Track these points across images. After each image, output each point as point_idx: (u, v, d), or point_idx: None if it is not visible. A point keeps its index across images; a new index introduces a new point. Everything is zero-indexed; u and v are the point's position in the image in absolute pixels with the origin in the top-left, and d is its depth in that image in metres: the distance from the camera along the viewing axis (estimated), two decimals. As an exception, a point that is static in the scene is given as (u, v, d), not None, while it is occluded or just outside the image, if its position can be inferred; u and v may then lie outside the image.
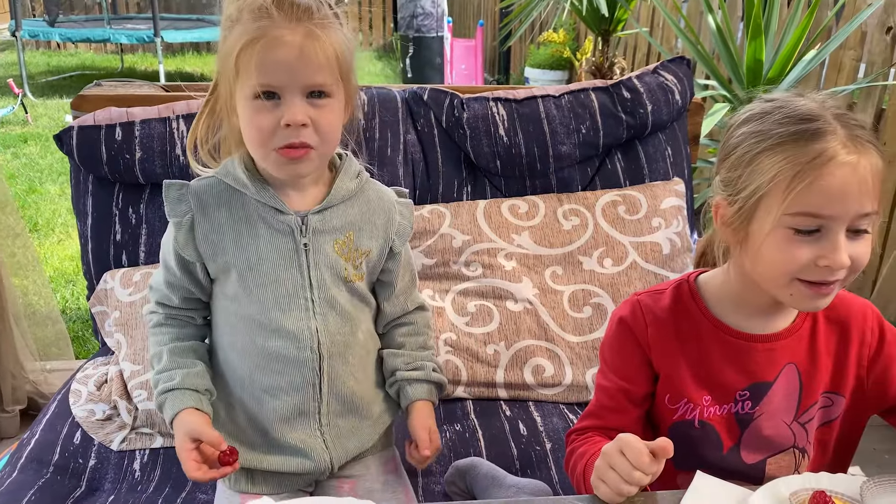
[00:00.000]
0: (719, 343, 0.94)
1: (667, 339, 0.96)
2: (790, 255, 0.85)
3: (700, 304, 0.96)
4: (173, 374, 1.03)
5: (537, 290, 1.52)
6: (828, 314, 0.95)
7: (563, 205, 1.60)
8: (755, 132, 0.88)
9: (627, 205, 1.59)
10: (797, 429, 0.94)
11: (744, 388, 0.94)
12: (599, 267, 1.54)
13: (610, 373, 1.00)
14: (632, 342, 0.97)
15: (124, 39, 6.21)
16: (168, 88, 1.72)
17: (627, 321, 0.98)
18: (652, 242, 1.56)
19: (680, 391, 0.95)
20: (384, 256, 1.10)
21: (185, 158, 1.48)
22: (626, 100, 1.61)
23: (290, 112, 0.92)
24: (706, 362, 0.94)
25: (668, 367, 0.95)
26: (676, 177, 1.68)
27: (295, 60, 0.92)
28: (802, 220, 0.84)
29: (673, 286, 0.99)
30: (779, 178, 0.84)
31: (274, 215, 1.02)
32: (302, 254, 1.02)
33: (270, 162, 0.97)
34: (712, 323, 0.95)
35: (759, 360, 0.93)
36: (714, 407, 0.94)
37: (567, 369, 1.46)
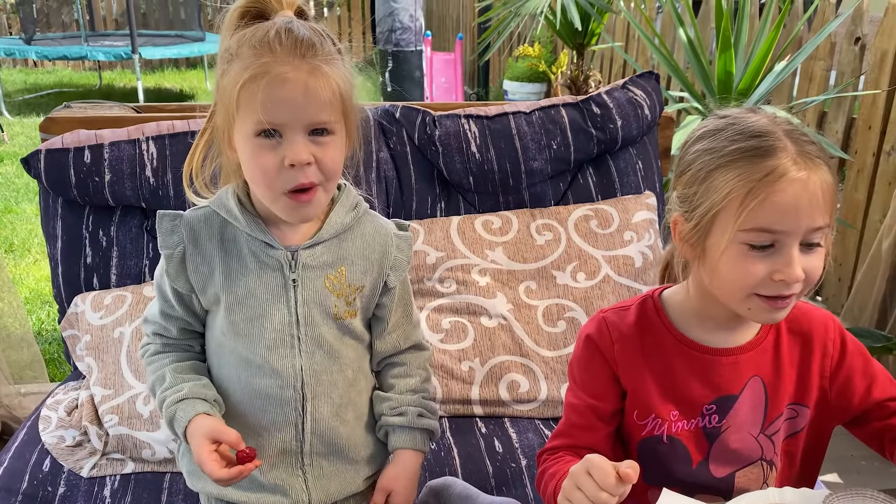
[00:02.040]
0: (684, 358, 0.95)
1: (633, 355, 0.96)
2: (746, 270, 0.86)
3: (664, 319, 0.97)
4: (181, 386, 1.00)
5: (511, 306, 1.52)
6: (790, 326, 0.96)
7: (536, 220, 1.60)
8: (709, 149, 0.90)
9: (599, 219, 1.60)
10: (764, 441, 0.95)
11: (710, 402, 0.94)
12: (573, 281, 1.55)
13: (579, 391, 1.00)
14: (599, 359, 0.98)
15: (101, 56, 6.17)
16: (140, 110, 1.72)
17: (594, 338, 0.98)
18: (624, 256, 1.57)
19: (647, 407, 0.95)
20: (378, 292, 1.06)
21: (154, 180, 1.48)
22: (596, 115, 1.63)
23: (294, 152, 0.90)
24: (672, 377, 0.95)
25: (635, 383, 0.96)
26: (648, 190, 1.69)
27: (299, 98, 0.90)
28: (756, 235, 0.85)
29: (638, 302, 0.99)
30: (732, 196, 0.85)
31: (264, 249, 1.00)
32: (290, 289, 1.00)
33: (280, 207, 0.95)
34: (676, 338, 0.96)
35: (724, 374, 0.94)
36: (682, 422, 0.95)
37: (542, 384, 1.46)
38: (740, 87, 2.34)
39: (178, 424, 0.98)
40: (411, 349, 1.13)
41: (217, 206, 1.01)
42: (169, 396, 1.00)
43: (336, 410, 1.04)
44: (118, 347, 1.43)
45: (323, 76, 0.91)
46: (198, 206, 1.04)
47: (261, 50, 0.90)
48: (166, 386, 1.01)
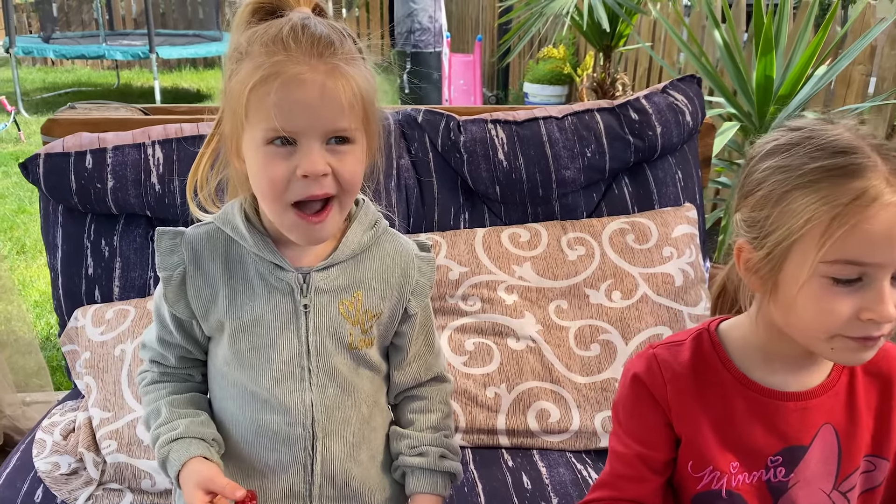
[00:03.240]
0: (746, 401, 0.83)
1: (688, 398, 0.85)
2: (829, 308, 0.75)
3: (723, 356, 0.86)
4: (176, 423, 0.91)
5: (541, 327, 1.41)
6: (867, 367, 0.84)
7: (567, 233, 1.49)
8: (783, 167, 0.78)
9: (636, 233, 1.49)
10: (838, 498, 0.83)
11: (776, 453, 0.83)
12: (608, 300, 1.43)
13: (625, 436, 0.89)
14: (648, 402, 0.86)
15: (119, 56, 6.13)
16: (148, 111, 1.62)
17: (642, 378, 0.87)
18: (664, 273, 1.45)
19: (704, 457, 0.84)
20: (397, 318, 0.96)
21: (160, 187, 1.39)
22: (634, 121, 1.51)
23: (309, 161, 0.80)
24: (732, 424, 0.84)
25: (691, 429, 0.85)
26: (688, 202, 1.57)
27: (316, 102, 0.80)
28: (841, 268, 0.73)
29: (692, 336, 0.88)
30: (814, 222, 0.74)
31: (272, 272, 0.90)
32: (301, 316, 0.90)
33: (288, 224, 0.85)
34: (737, 379, 0.84)
35: (792, 421, 0.82)
36: (743, 474, 0.83)
37: (574, 413, 1.35)
38: (781, 92, 2.22)
39: (171, 467, 0.88)
40: (432, 381, 1.02)
41: (222, 223, 0.91)
42: (163, 434, 0.90)
43: (349, 450, 0.93)
44: (119, 366, 1.33)
45: (343, 77, 0.81)
46: (201, 222, 0.94)
47: (274, 48, 0.80)
48: (161, 422, 0.91)
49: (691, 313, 1.44)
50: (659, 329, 1.41)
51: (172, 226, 1.46)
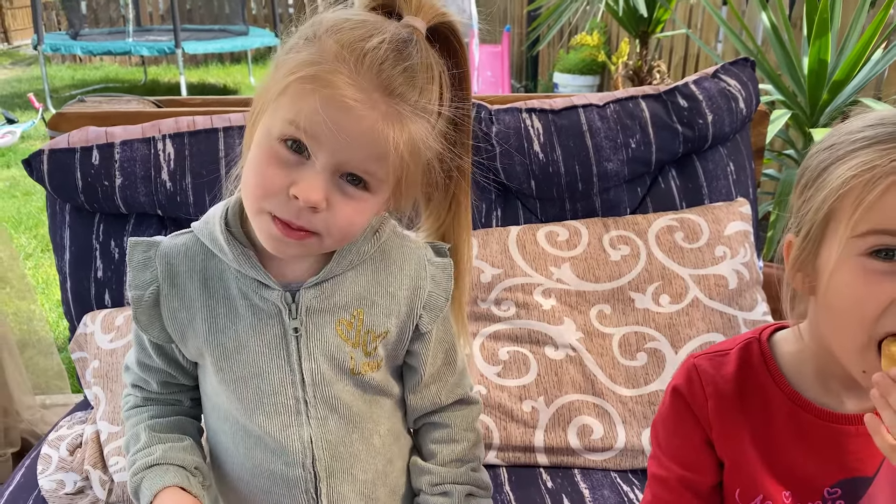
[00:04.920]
0: (800, 425, 0.72)
1: (733, 417, 0.74)
2: (866, 292, 0.62)
3: (774, 372, 0.74)
4: (153, 448, 0.81)
5: (581, 334, 1.29)
6: None
7: (609, 231, 1.37)
8: (830, 145, 0.68)
9: (686, 230, 1.36)
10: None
11: (833, 485, 0.71)
12: (655, 305, 1.31)
13: (665, 458, 0.78)
14: (689, 420, 0.75)
15: (145, 51, 6.11)
16: (161, 104, 1.53)
17: (682, 392, 0.76)
18: (716, 275, 1.33)
19: (753, 485, 0.73)
20: (407, 337, 0.84)
21: (172, 185, 1.30)
22: (683, 109, 1.39)
23: (307, 187, 0.69)
24: (783, 448, 0.72)
25: (734, 453, 0.73)
26: (740, 197, 1.45)
27: (355, 135, 0.68)
28: (878, 238, 0.61)
29: (739, 346, 0.76)
30: (847, 188, 0.62)
31: (256, 290, 0.78)
32: (291, 341, 0.79)
33: (260, 226, 0.73)
34: (789, 397, 0.72)
35: (854, 448, 0.71)
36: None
37: (619, 430, 1.23)
38: (835, 78, 2.06)
39: (142, 498, 0.77)
40: (456, 405, 0.89)
41: (199, 232, 0.80)
42: (139, 460, 0.80)
43: (361, 489, 0.82)
44: (129, 376, 1.24)
45: (400, 128, 0.68)
46: (179, 232, 0.83)
47: (347, 54, 0.67)
48: (139, 447, 0.82)
49: (747, 318, 1.31)
50: (711, 336, 1.29)
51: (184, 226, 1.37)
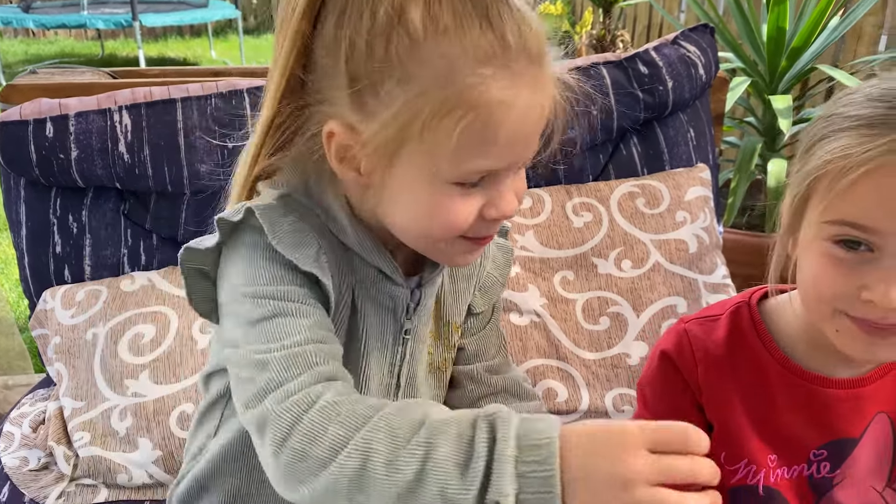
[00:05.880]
0: (789, 388, 0.74)
1: (721, 381, 0.75)
2: (822, 276, 0.64)
3: (765, 336, 0.75)
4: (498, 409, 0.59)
5: (545, 300, 1.31)
6: None
7: (572, 198, 1.38)
8: (828, 115, 0.67)
9: (647, 196, 1.38)
10: (892, 497, 0.74)
11: (820, 447, 0.73)
12: (617, 270, 1.33)
13: (651, 416, 0.79)
14: (678, 383, 0.77)
15: (101, 24, 5.92)
16: (117, 75, 1.50)
17: (672, 356, 0.77)
18: (677, 240, 1.35)
19: (739, 448, 0.74)
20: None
21: (130, 157, 1.27)
22: (644, 75, 1.40)
23: (506, 202, 0.64)
24: (772, 412, 0.74)
25: (724, 416, 0.75)
26: (701, 162, 1.46)
27: (532, 132, 0.64)
28: (842, 230, 0.62)
29: (730, 311, 0.78)
30: (825, 171, 0.63)
31: (381, 284, 0.70)
32: (399, 343, 0.73)
33: (451, 250, 0.67)
34: (779, 362, 0.74)
35: (841, 411, 0.73)
36: (782, 469, 0.74)
37: (583, 392, 1.25)
38: (794, 45, 2.09)
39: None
40: (506, 395, 0.84)
41: (324, 216, 0.69)
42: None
43: None
44: (91, 351, 1.23)
45: (547, 91, 0.66)
46: (269, 200, 0.67)
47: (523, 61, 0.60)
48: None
49: (707, 281, 1.34)
50: (672, 300, 1.31)
51: (144, 200, 1.34)
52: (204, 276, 0.69)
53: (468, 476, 0.50)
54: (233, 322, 0.64)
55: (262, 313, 0.61)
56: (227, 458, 0.76)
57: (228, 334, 0.64)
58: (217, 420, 0.79)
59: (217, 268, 0.68)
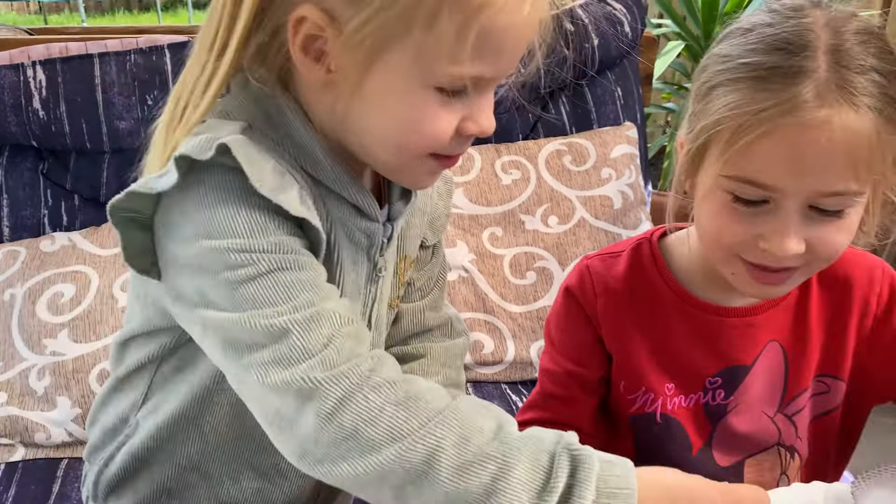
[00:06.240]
0: (686, 319, 0.75)
1: (621, 313, 0.77)
2: (723, 226, 0.66)
3: (663, 270, 0.77)
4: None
5: (474, 256, 1.32)
6: (823, 277, 0.75)
7: (501, 156, 1.39)
8: (725, 56, 0.66)
9: (574, 154, 1.39)
10: (783, 422, 0.76)
11: (714, 374, 0.75)
12: (544, 226, 1.35)
13: (557, 354, 0.80)
14: (580, 317, 0.78)
15: (41, -5, 5.75)
16: (33, 32, 1.45)
17: (574, 291, 0.79)
18: (602, 196, 1.37)
19: (637, 378, 0.76)
20: None
21: (45, 114, 1.24)
22: (570, 32, 1.40)
23: (486, 117, 0.63)
24: (669, 343, 0.76)
25: (622, 347, 0.77)
26: (628, 121, 1.48)
27: (526, 44, 0.63)
28: (741, 187, 0.63)
29: (631, 247, 0.79)
30: (723, 127, 0.63)
31: (356, 222, 0.64)
32: (373, 282, 0.68)
33: (412, 167, 0.62)
34: (677, 294, 0.76)
35: (734, 340, 0.75)
36: (679, 398, 0.76)
37: (509, 344, 1.27)
38: (727, 9, 2.12)
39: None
40: (439, 332, 0.83)
41: (285, 142, 0.61)
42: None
43: None
44: (9, 312, 1.20)
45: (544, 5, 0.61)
46: (226, 131, 0.58)
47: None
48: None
49: (631, 236, 1.36)
50: (598, 254, 1.33)
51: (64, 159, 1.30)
52: (140, 227, 0.59)
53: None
54: (204, 280, 0.56)
55: (254, 271, 0.54)
56: (177, 428, 0.70)
57: (193, 294, 0.57)
58: (143, 388, 0.72)
59: (161, 215, 0.58)
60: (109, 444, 0.74)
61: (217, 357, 0.58)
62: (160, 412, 0.70)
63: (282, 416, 0.53)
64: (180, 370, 0.69)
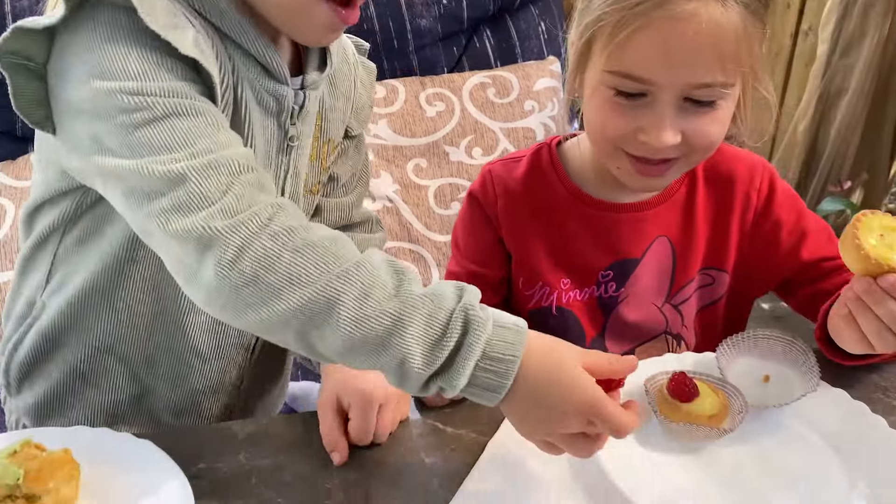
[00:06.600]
0: (579, 216, 0.79)
1: (519, 213, 0.80)
2: (607, 120, 0.70)
3: (560, 171, 0.80)
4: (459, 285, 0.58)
5: (398, 186, 1.34)
6: (708, 174, 0.80)
7: (426, 88, 1.40)
8: None
9: (497, 87, 1.42)
10: (670, 312, 0.80)
11: (606, 268, 0.79)
12: (468, 157, 1.37)
13: (461, 257, 0.84)
14: (481, 218, 0.81)
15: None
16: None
17: (477, 195, 0.82)
18: (525, 128, 1.40)
19: (534, 273, 0.80)
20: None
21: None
22: (493, -36, 1.42)
23: None
24: (565, 240, 0.79)
25: (521, 246, 0.80)
26: (552, 55, 1.51)
27: None
28: (621, 81, 0.67)
29: (531, 152, 0.83)
30: (603, 23, 0.67)
31: (263, 82, 0.64)
32: (284, 152, 0.68)
33: (307, 15, 0.61)
34: (572, 193, 0.79)
35: (625, 234, 0.79)
36: (574, 291, 0.80)
37: (434, 272, 1.30)
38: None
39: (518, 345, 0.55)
40: (361, 227, 0.87)
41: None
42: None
43: None
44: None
45: None
46: None
47: None
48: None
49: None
50: (521, 184, 1.36)
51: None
52: (34, 76, 0.58)
53: (430, 359, 0.52)
54: (98, 125, 0.55)
55: (149, 115, 0.54)
56: (88, 304, 0.70)
57: (88, 141, 0.56)
58: (47, 265, 0.72)
59: (53, 62, 0.57)
60: (17, 330, 0.74)
61: (121, 208, 0.58)
62: (69, 287, 0.70)
63: (185, 264, 0.54)
64: (84, 242, 0.68)
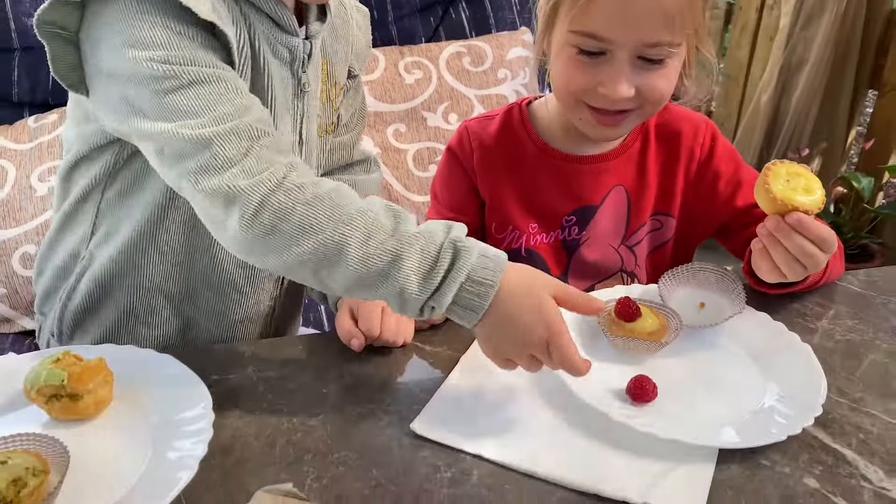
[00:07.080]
0: (546, 167, 0.88)
1: (493, 165, 0.89)
2: (571, 76, 0.79)
3: (529, 127, 0.90)
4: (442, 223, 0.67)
5: (379, 150, 1.42)
6: (659, 131, 0.90)
7: (404, 57, 1.48)
8: None
9: (472, 56, 1.50)
10: (625, 252, 0.90)
11: (570, 213, 0.89)
12: (445, 122, 1.45)
13: (440, 206, 0.94)
14: (458, 171, 0.91)
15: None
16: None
17: (454, 149, 0.91)
18: (498, 95, 1.48)
19: (506, 219, 0.89)
20: None
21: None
22: (468, -62, 1.49)
23: None
24: (534, 190, 0.89)
25: (494, 194, 0.89)
26: (524, 26, 1.59)
27: None
28: (582, 40, 0.76)
29: (504, 111, 0.92)
30: None
31: (276, 35, 0.73)
32: (299, 97, 0.77)
33: None
34: (540, 148, 0.89)
35: (586, 183, 0.88)
36: (541, 235, 0.89)
37: (412, 230, 1.38)
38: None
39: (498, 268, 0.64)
40: (360, 166, 0.97)
41: None
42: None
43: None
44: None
45: None
46: None
47: None
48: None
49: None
50: (495, 148, 1.45)
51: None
52: (67, 42, 0.66)
53: (425, 286, 0.61)
54: (131, 90, 0.63)
55: (175, 84, 0.62)
56: (136, 250, 0.78)
57: (123, 104, 0.64)
58: (91, 219, 0.79)
59: (85, 30, 0.65)
60: (65, 281, 0.81)
61: (155, 164, 0.67)
62: (117, 237, 0.78)
63: (214, 216, 0.64)
64: (126, 195, 0.77)
